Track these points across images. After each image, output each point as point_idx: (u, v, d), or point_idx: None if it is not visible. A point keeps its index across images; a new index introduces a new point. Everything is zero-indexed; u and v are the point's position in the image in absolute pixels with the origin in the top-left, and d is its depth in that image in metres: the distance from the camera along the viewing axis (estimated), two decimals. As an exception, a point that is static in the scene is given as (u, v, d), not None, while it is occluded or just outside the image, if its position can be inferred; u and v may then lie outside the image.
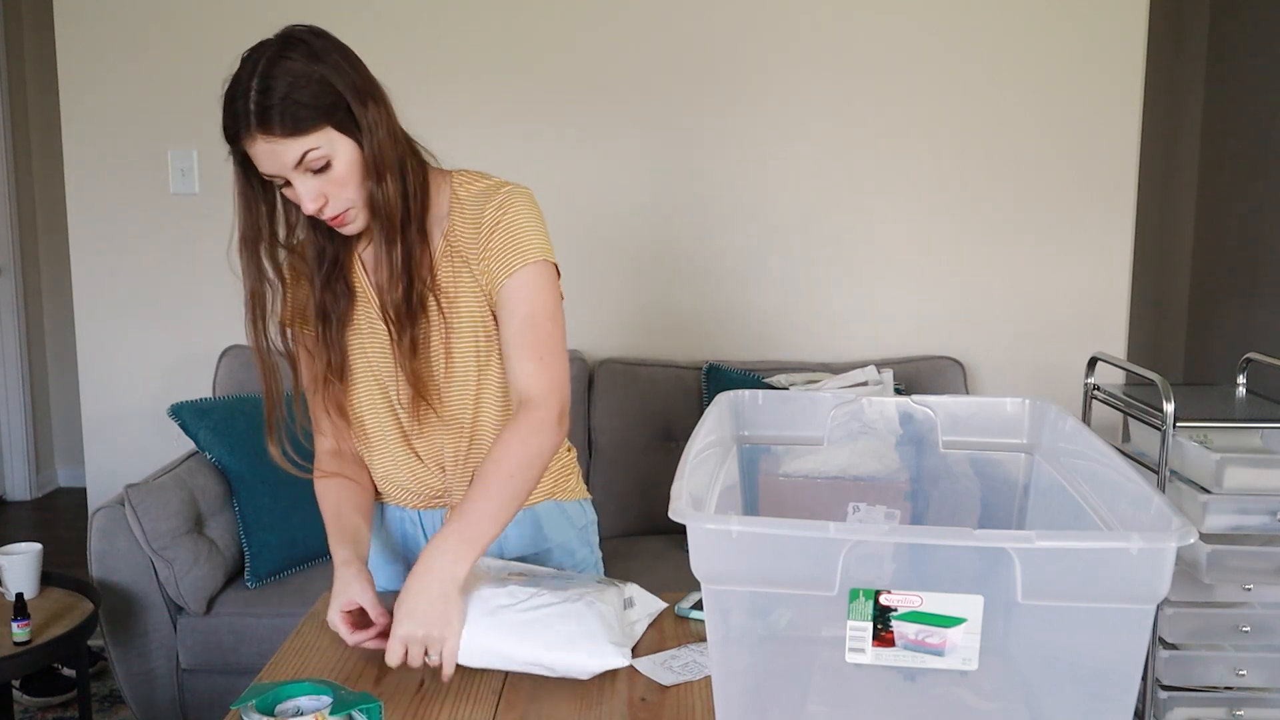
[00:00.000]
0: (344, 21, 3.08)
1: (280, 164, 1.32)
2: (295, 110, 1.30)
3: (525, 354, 1.43)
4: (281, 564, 2.64)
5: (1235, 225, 3.88)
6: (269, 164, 1.33)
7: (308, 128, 1.31)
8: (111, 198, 3.17)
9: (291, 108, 1.30)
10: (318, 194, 1.35)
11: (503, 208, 1.44)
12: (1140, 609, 0.91)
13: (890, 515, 1.32)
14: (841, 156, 3.14)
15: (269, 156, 1.32)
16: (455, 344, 1.48)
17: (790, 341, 3.21)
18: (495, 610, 1.32)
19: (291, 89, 1.31)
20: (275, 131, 1.30)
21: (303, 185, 1.34)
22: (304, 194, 1.34)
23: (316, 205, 1.35)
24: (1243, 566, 2.16)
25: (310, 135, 1.32)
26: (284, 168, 1.32)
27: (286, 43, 1.38)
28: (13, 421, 4.72)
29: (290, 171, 1.33)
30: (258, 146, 1.31)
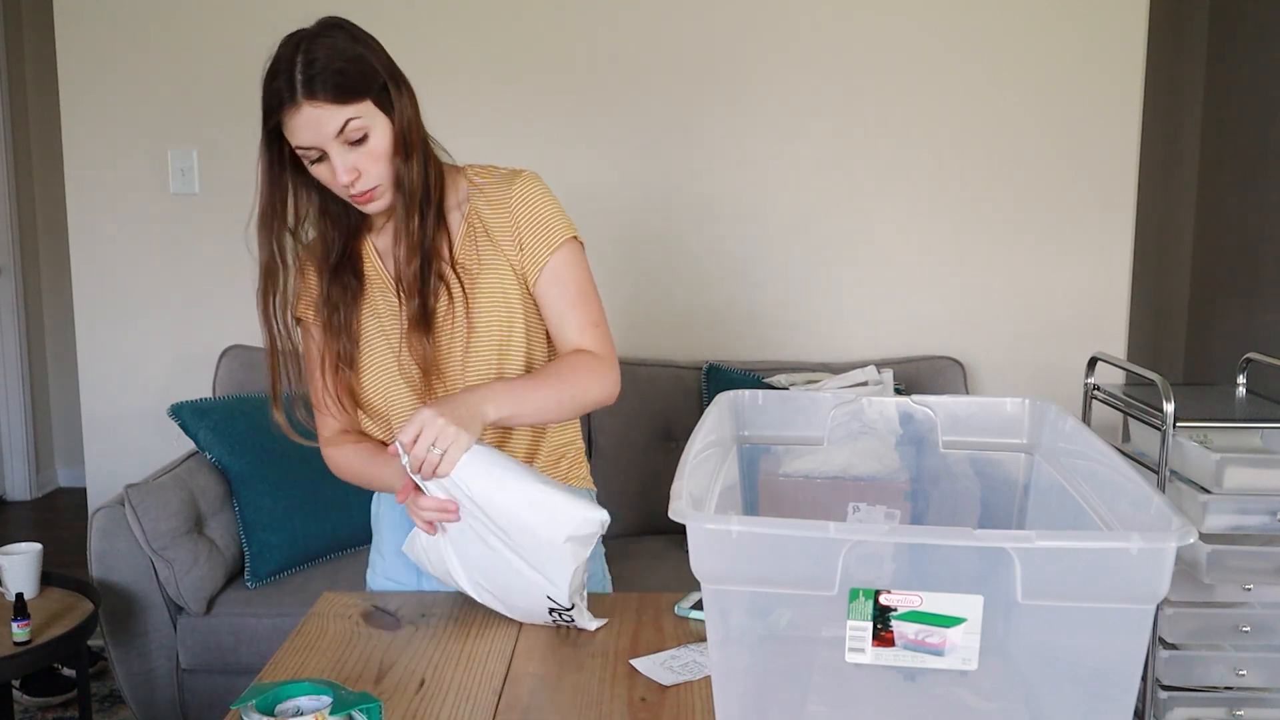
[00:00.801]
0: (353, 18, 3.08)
1: (321, 133, 1.37)
2: (341, 80, 1.38)
3: (585, 322, 1.53)
4: (281, 564, 2.64)
5: (1235, 225, 3.88)
6: (309, 133, 1.37)
7: (352, 98, 1.38)
8: (111, 198, 3.17)
9: (337, 77, 1.37)
10: (352, 167, 1.40)
11: (527, 189, 1.53)
12: (1140, 609, 0.91)
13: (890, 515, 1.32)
14: (842, 156, 3.14)
15: (311, 125, 1.37)
16: (478, 319, 1.51)
17: (790, 341, 3.21)
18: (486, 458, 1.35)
19: (337, 61, 1.39)
20: (321, 98, 1.36)
21: (339, 157, 1.39)
22: (339, 166, 1.39)
23: (350, 178, 1.40)
24: (1243, 566, 2.16)
25: (353, 105, 1.38)
26: (324, 138, 1.38)
27: (325, 26, 1.45)
28: (13, 421, 4.72)
29: (330, 141, 1.38)
30: (301, 115, 1.36)
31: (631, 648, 1.41)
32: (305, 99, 1.36)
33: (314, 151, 1.39)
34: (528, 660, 1.37)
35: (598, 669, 1.35)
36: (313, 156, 1.40)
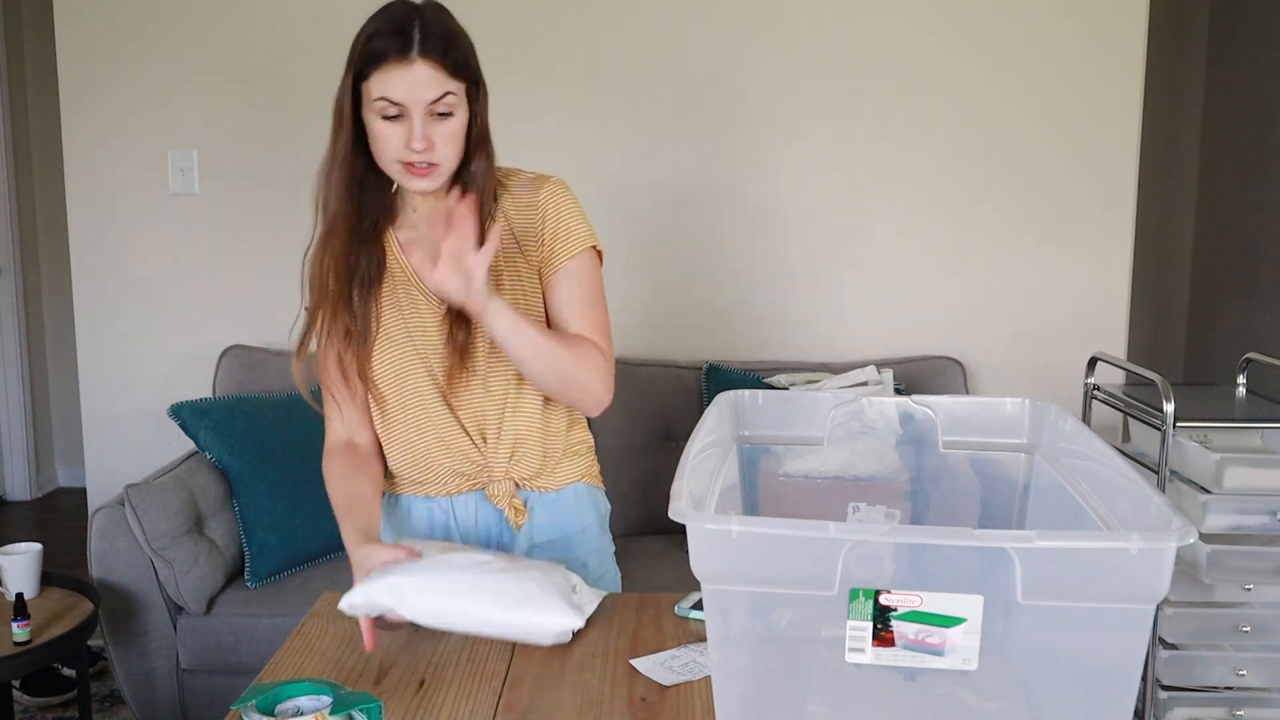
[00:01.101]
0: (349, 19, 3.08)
1: (420, 94, 1.40)
2: (458, 54, 1.43)
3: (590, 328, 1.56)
4: (281, 564, 2.64)
5: (1235, 225, 3.88)
6: (409, 89, 1.39)
7: (459, 75, 1.43)
8: (111, 198, 3.17)
9: (455, 51, 1.42)
10: (427, 136, 1.42)
11: (555, 194, 1.56)
12: (1140, 609, 0.91)
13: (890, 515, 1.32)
14: (842, 156, 3.14)
15: (417, 82, 1.39)
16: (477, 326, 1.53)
17: (790, 341, 3.21)
18: (452, 570, 1.34)
19: (458, 36, 1.44)
20: (436, 60, 1.39)
21: (421, 123, 1.41)
22: (418, 130, 1.41)
23: (423, 145, 1.41)
24: (1243, 566, 2.16)
25: (456, 81, 1.42)
26: (419, 100, 1.40)
27: (436, 6, 1.46)
28: (13, 421, 4.72)
29: (420, 105, 1.40)
30: (411, 71, 1.39)
31: (631, 648, 1.41)
32: (420, 56, 1.39)
33: (397, 109, 1.41)
34: (528, 660, 1.37)
35: (598, 669, 1.35)
36: (392, 113, 1.41)
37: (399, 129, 1.42)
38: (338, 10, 3.07)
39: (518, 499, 1.61)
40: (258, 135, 3.14)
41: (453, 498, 1.62)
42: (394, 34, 1.39)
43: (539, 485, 1.63)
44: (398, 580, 1.33)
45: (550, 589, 1.37)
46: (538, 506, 1.63)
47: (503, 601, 1.32)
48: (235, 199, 3.16)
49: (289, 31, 3.08)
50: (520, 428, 1.58)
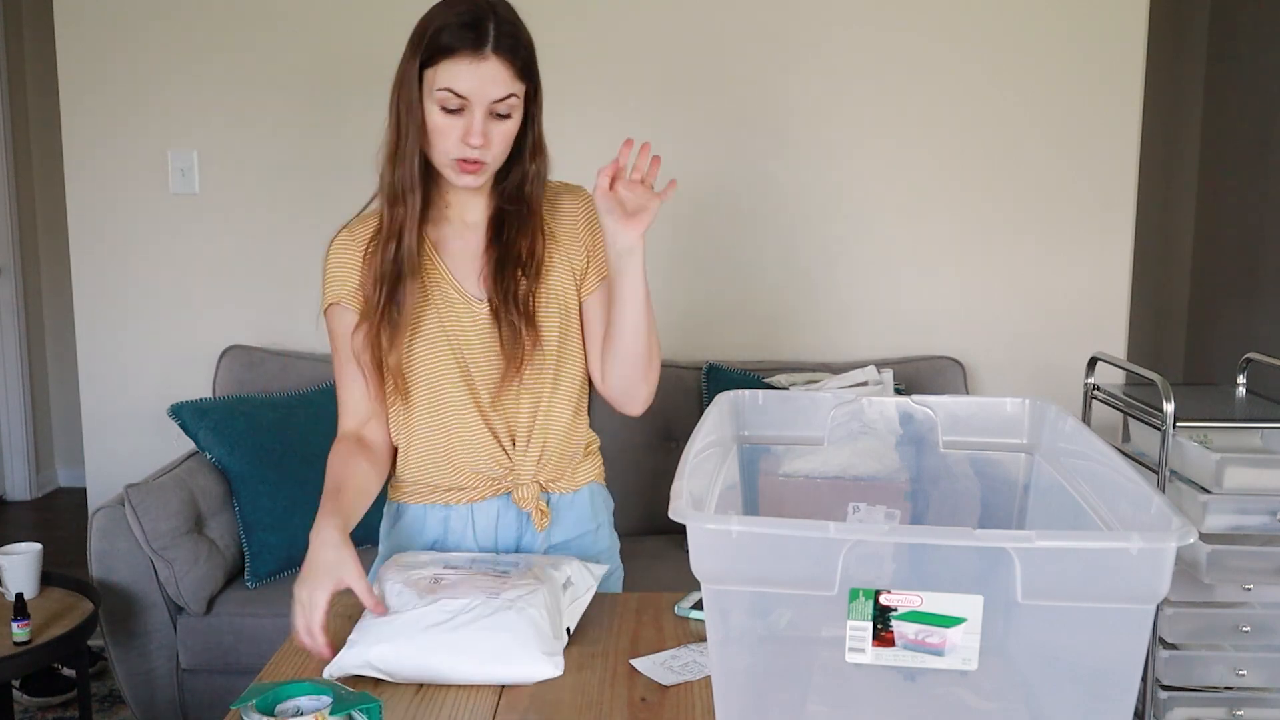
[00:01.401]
0: (349, 19, 3.08)
1: (486, 92, 1.41)
2: (524, 53, 1.44)
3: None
4: (281, 564, 2.64)
5: (1235, 225, 3.88)
6: (477, 85, 1.40)
7: (523, 77, 1.44)
8: (111, 198, 3.17)
9: (523, 51, 1.44)
10: (485, 132, 1.43)
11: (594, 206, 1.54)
12: (1140, 609, 0.91)
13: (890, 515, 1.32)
14: (842, 156, 3.14)
15: (486, 80, 1.40)
16: (543, 319, 1.55)
17: (790, 341, 3.21)
18: (427, 629, 1.31)
19: (529, 42, 1.45)
20: (507, 59, 1.41)
21: (481, 121, 1.42)
22: (478, 126, 1.42)
23: (481, 140, 1.42)
24: (1243, 566, 2.16)
25: (520, 84, 1.44)
26: (485, 97, 1.41)
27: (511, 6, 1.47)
28: (13, 421, 4.72)
29: (484, 104, 1.41)
30: (485, 66, 1.39)
31: (631, 648, 1.41)
32: (494, 53, 1.39)
33: (460, 102, 1.41)
34: (528, 660, 1.37)
35: (598, 669, 1.35)
36: (453, 105, 1.41)
37: (457, 122, 1.42)
38: (338, 10, 3.07)
39: (542, 501, 1.61)
40: (258, 135, 3.13)
41: (473, 504, 1.61)
42: (468, 27, 1.39)
43: (560, 487, 1.64)
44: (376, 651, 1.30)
45: (528, 634, 1.31)
46: (559, 507, 1.64)
47: (479, 657, 1.29)
48: (235, 199, 3.16)
49: (289, 31, 3.08)
50: (551, 432, 1.59)
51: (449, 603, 1.34)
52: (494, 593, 1.36)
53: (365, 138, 3.20)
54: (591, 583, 1.49)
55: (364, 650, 1.31)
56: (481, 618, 1.32)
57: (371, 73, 3.10)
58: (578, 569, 1.48)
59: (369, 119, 3.16)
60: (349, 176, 3.14)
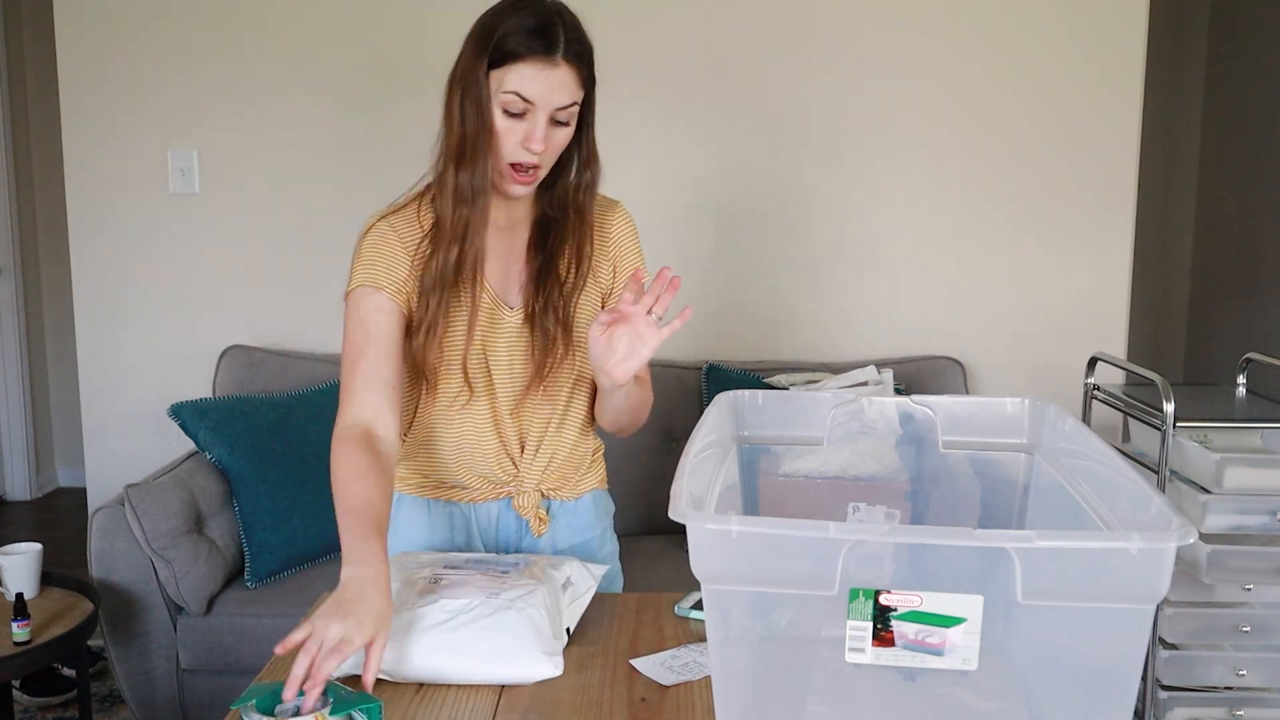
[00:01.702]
0: (349, 19, 3.08)
1: (552, 99, 1.40)
2: (590, 62, 1.44)
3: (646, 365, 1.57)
4: (281, 564, 2.64)
5: (1235, 225, 3.88)
6: (545, 90, 1.39)
7: (586, 85, 1.44)
8: (111, 198, 3.17)
9: (589, 58, 1.43)
10: (544, 139, 1.41)
11: (625, 224, 1.61)
12: (1140, 609, 0.91)
13: (890, 515, 1.32)
14: (842, 156, 3.14)
15: (554, 86, 1.39)
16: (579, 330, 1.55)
17: (790, 341, 3.21)
18: (427, 629, 1.31)
19: (588, 47, 1.44)
20: (577, 68, 1.41)
21: (542, 126, 1.41)
22: (538, 132, 1.40)
23: (541, 146, 1.41)
24: (1243, 566, 2.16)
25: (582, 92, 1.44)
26: (550, 104, 1.40)
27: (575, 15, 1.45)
28: (13, 421, 4.72)
29: (548, 109, 1.40)
30: (556, 74, 1.38)
31: (631, 648, 1.41)
32: (564, 60, 1.39)
33: (525, 107, 1.39)
34: (528, 660, 1.37)
35: (598, 669, 1.35)
36: (518, 109, 1.40)
37: (518, 126, 1.41)
38: (338, 10, 3.07)
39: (542, 509, 1.61)
40: (258, 135, 3.13)
41: (474, 505, 1.61)
42: (539, 33, 1.38)
43: (562, 495, 1.64)
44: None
45: (528, 634, 1.31)
46: (560, 514, 1.64)
47: (478, 657, 1.29)
48: (235, 199, 3.16)
49: (289, 32, 3.08)
50: (561, 443, 1.59)
51: (449, 602, 1.34)
52: (494, 593, 1.36)
53: (365, 137, 3.21)
54: (591, 583, 1.49)
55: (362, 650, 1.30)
56: (481, 618, 1.32)
57: (372, 73, 3.11)
58: (577, 569, 1.48)
59: (369, 119, 3.17)
60: (349, 176, 3.14)
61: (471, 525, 1.62)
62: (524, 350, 1.54)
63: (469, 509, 1.62)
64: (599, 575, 1.51)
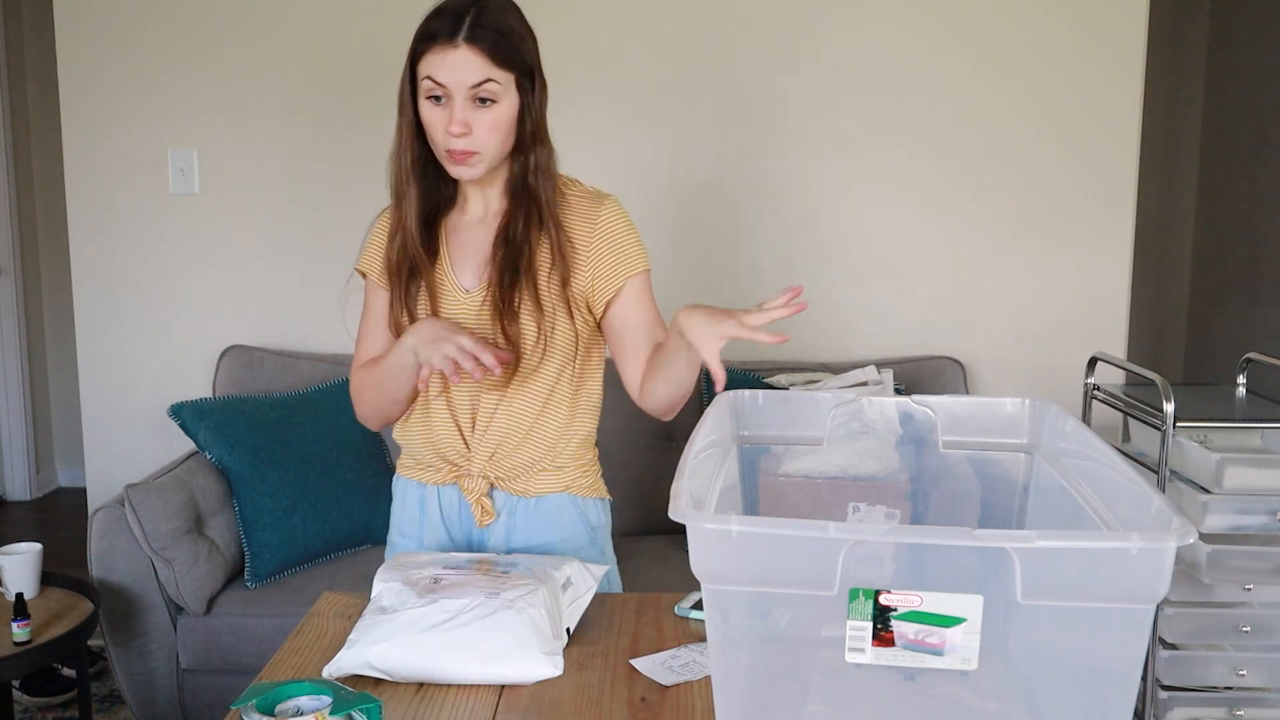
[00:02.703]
0: (348, 19, 3.08)
1: (461, 79, 1.44)
2: (504, 42, 1.46)
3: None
4: (281, 564, 2.64)
5: (1235, 225, 3.88)
6: (451, 73, 1.44)
7: (503, 64, 1.46)
8: (111, 198, 3.17)
9: (499, 38, 1.45)
10: (465, 121, 1.46)
11: (615, 215, 1.60)
12: (1140, 609, 0.91)
13: (890, 515, 1.32)
14: (841, 156, 3.14)
15: (458, 67, 1.44)
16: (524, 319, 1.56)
17: (790, 341, 3.21)
18: (428, 629, 1.31)
19: (508, 26, 1.47)
20: (481, 48, 1.44)
21: (460, 109, 1.45)
22: (457, 115, 1.45)
23: (460, 130, 1.45)
24: (1243, 566, 2.16)
25: (500, 70, 1.46)
26: (461, 84, 1.44)
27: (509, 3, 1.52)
28: (13, 421, 4.72)
29: (461, 90, 1.45)
30: (456, 54, 1.43)
31: (631, 648, 1.41)
32: (465, 42, 1.43)
33: (441, 91, 1.45)
34: (528, 660, 1.37)
35: (598, 669, 1.35)
36: (435, 93, 1.46)
37: (442, 113, 1.46)
38: (337, 10, 3.07)
39: (488, 499, 1.62)
40: (258, 135, 3.13)
41: (439, 487, 1.65)
42: (447, 18, 1.45)
43: (516, 489, 1.63)
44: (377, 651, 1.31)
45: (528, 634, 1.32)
46: (518, 511, 1.64)
47: (479, 656, 1.30)
48: (235, 199, 3.16)
49: (289, 32, 3.08)
50: (507, 427, 1.59)
51: (449, 602, 1.34)
52: (494, 592, 1.36)
53: (365, 137, 3.21)
54: (591, 583, 1.49)
55: (364, 650, 1.31)
56: (482, 617, 1.32)
57: (372, 72, 3.11)
58: (578, 569, 1.49)
59: (369, 118, 3.17)
60: (349, 176, 3.14)
61: (436, 510, 1.65)
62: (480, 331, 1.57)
63: (435, 492, 1.65)
64: (599, 576, 1.51)
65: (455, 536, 1.66)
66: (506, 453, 1.61)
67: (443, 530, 1.66)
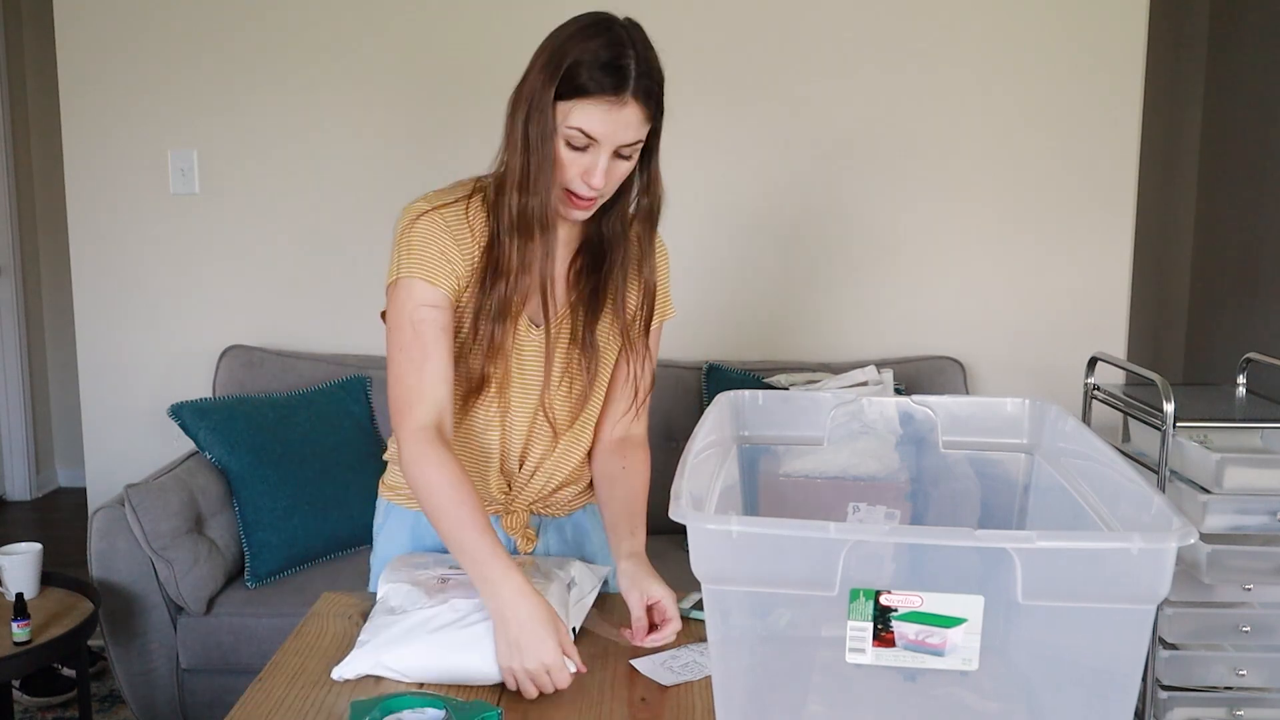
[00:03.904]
0: (348, 19, 3.08)
1: (618, 137, 1.35)
2: (661, 95, 1.38)
3: (646, 401, 1.61)
4: (281, 564, 2.64)
5: (1235, 225, 3.88)
6: (612, 129, 1.34)
7: (655, 118, 1.39)
8: (111, 198, 3.17)
9: (658, 94, 1.37)
10: (607, 172, 1.37)
11: (664, 258, 1.59)
12: (1140, 609, 0.91)
13: (890, 515, 1.32)
14: (841, 156, 3.14)
15: (619, 125, 1.34)
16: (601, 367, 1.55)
17: (790, 341, 3.21)
18: (439, 629, 1.32)
19: (659, 77, 1.38)
20: (644, 106, 1.35)
21: (605, 161, 1.36)
22: (601, 167, 1.36)
23: (601, 182, 1.37)
24: (1243, 566, 2.16)
25: (647, 127, 1.38)
26: (615, 140, 1.35)
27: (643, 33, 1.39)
28: (13, 421, 4.72)
29: (611, 146, 1.35)
30: (624, 111, 1.33)
31: (632, 648, 1.41)
32: (633, 98, 1.33)
33: (588, 142, 1.35)
34: (528, 660, 1.37)
35: (598, 669, 1.35)
36: (580, 144, 1.35)
37: (580, 159, 1.36)
38: (337, 10, 3.07)
39: (531, 527, 1.61)
40: (258, 135, 3.13)
41: None
42: (609, 69, 1.32)
43: (552, 512, 1.63)
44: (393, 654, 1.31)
45: None
46: (550, 529, 1.63)
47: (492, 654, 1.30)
48: (235, 199, 3.16)
49: (289, 31, 3.08)
50: (557, 468, 1.58)
51: (460, 602, 1.35)
52: None
53: (365, 137, 3.21)
54: (595, 583, 1.49)
55: (377, 651, 1.31)
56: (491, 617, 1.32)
57: (372, 72, 3.11)
58: (581, 570, 1.49)
59: (369, 118, 3.17)
60: (350, 176, 3.14)
61: None
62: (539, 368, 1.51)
63: None
64: (602, 575, 1.51)
65: None
66: (555, 485, 1.60)
67: None
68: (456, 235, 1.43)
